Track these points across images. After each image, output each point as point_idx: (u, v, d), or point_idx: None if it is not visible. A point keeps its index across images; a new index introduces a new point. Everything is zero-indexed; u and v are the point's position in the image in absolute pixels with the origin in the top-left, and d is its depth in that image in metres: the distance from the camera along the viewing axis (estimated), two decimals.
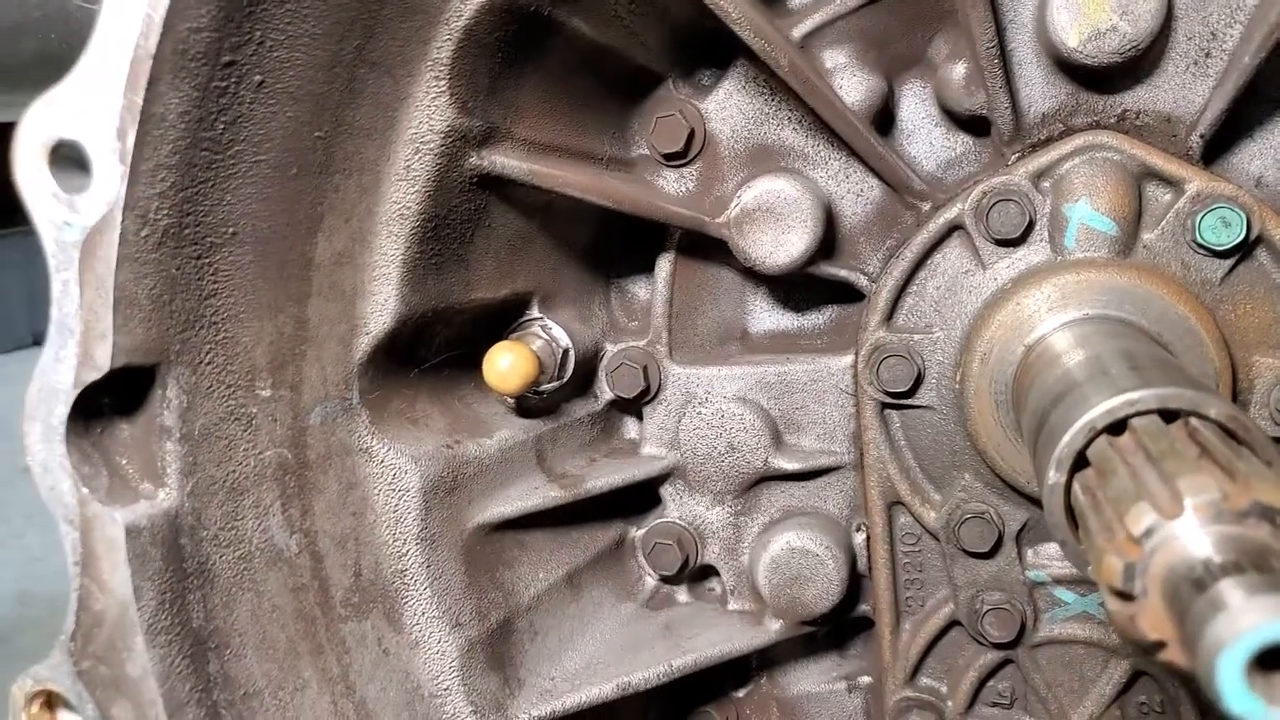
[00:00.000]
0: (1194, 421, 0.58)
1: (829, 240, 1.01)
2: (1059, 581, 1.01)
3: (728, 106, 1.02)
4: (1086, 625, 1.02)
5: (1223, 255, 0.91)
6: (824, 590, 1.05)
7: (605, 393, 1.09)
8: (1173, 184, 0.92)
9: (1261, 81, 0.89)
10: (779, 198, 0.98)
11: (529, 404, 1.01)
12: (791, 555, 1.05)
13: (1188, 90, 0.93)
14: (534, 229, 0.93)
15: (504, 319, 0.99)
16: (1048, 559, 1.02)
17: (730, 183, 1.03)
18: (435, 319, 0.86)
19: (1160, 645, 0.48)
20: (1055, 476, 0.61)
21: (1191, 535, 0.46)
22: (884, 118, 1.03)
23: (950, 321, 0.99)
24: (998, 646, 1.02)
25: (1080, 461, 0.63)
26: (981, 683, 1.06)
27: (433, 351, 0.89)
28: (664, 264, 1.07)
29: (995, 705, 1.07)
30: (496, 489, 0.93)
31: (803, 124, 1.01)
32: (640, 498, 1.11)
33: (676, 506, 1.11)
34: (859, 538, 1.09)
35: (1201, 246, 0.90)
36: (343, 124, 0.71)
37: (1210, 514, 0.46)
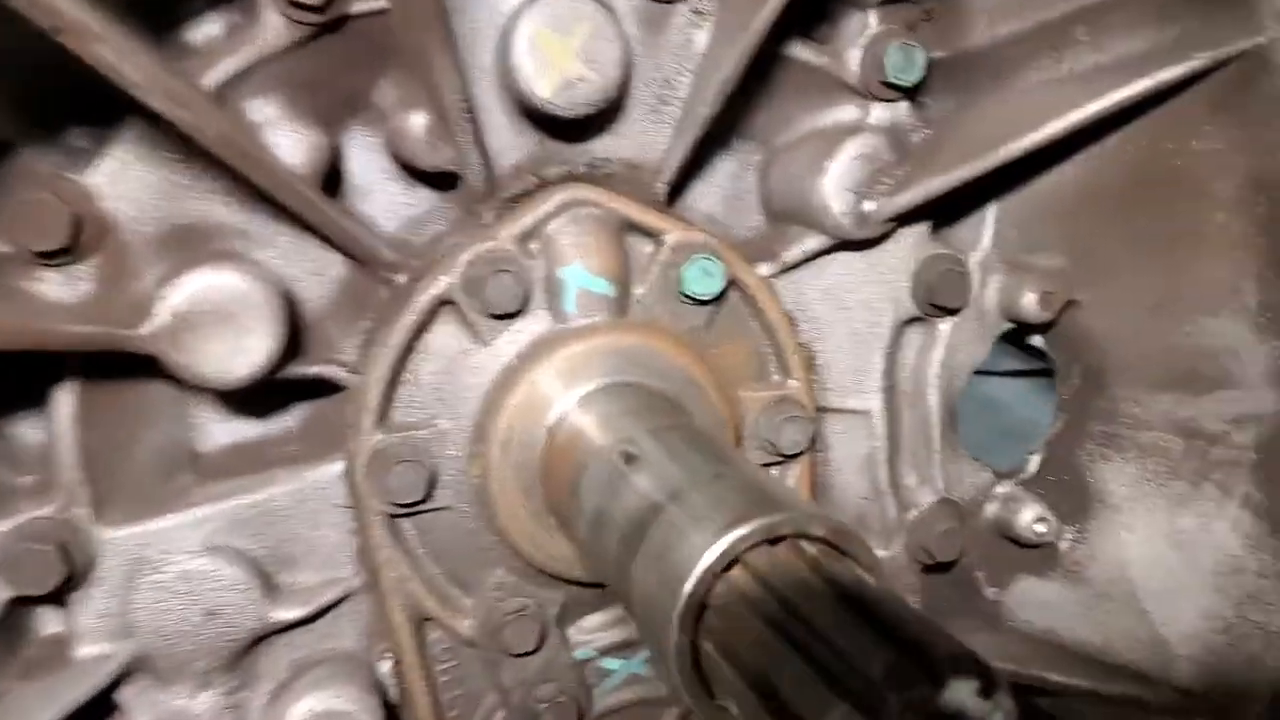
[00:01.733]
0: (802, 543, 0.54)
1: (294, 334, 0.81)
2: (604, 652, 0.96)
3: (126, 179, 0.74)
4: (636, 686, 0.98)
5: (705, 303, 0.91)
6: None
7: (2, 590, 0.76)
8: (652, 235, 0.89)
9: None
10: (224, 294, 0.75)
11: None
12: None
13: (649, 137, 0.90)
14: None
15: None
16: (589, 633, 0.96)
17: (147, 278, 0.76)
18: None
19: None
20: (680, 638, 0.53)
21: None
22: (330, 176, 0.85)
23: (456, 409, 0.86)
24: None
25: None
26: None
27: None
28: (64, 399, 0.77)
29: None
30: None
31: (233, 195, 0.78)
32: (86, 716, 0.80)
33: (145, 710, 0.83)
34: (384, 666, 0.92)
35: (688, 297, 0.89)
36: None
37: None
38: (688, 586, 0.53)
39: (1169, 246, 0.88)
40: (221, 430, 0.88)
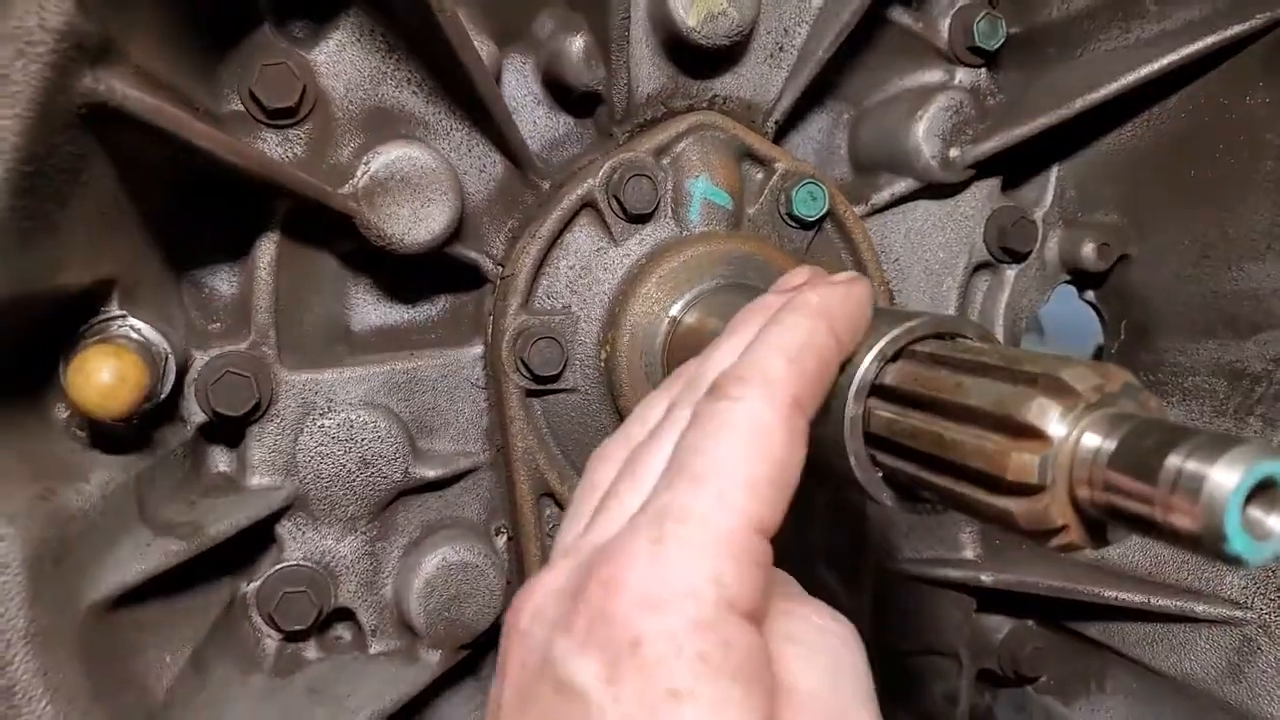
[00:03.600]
0: (960, 340, 0.64)
1: (459, 220, 0.92)
2: None
3: (341, 60, 0.86)
4: None
5: (807, 227, 1.02)
6: (487, 603, 0.95)
7: (195, 414, 0.85)
8: (764, 163, 1.01)
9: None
10: (415, 166, 0.87)
11: (113, 434, 0.74)
12: (449, 573, 0.93)
13: (764, 80, 1.03)
14: (128, 194, 0.69)
15: (73, 318, 0.71)
16: None
17: (346, 149, 0.88)
18: (6, 316, 0.58)
19: (1064, 528, 0.51)
20: (854, 408, 0.62)
21: (1091, 422, 0.50)
22: None
23: (589, 300, 0.97)
24: None
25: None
26: None
27: None
28: (267, 247, 0.87)
29: None
30: (105, 551, 0.66)
31: (423, 88, 0.90)
32: (246, 544, 0.89)
33: (299, 545, 0.91)
34: (500, 541, 1.01)
35: (793, 219, 1.01)
36: None
37: (1098, 399, 0.50)
38: (864, 365, 0.62)
39: (1218, 197, 1.01)
40: (374, 312, 0.98)
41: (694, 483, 0.49)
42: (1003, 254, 1.11)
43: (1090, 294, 1.17)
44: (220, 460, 0.90)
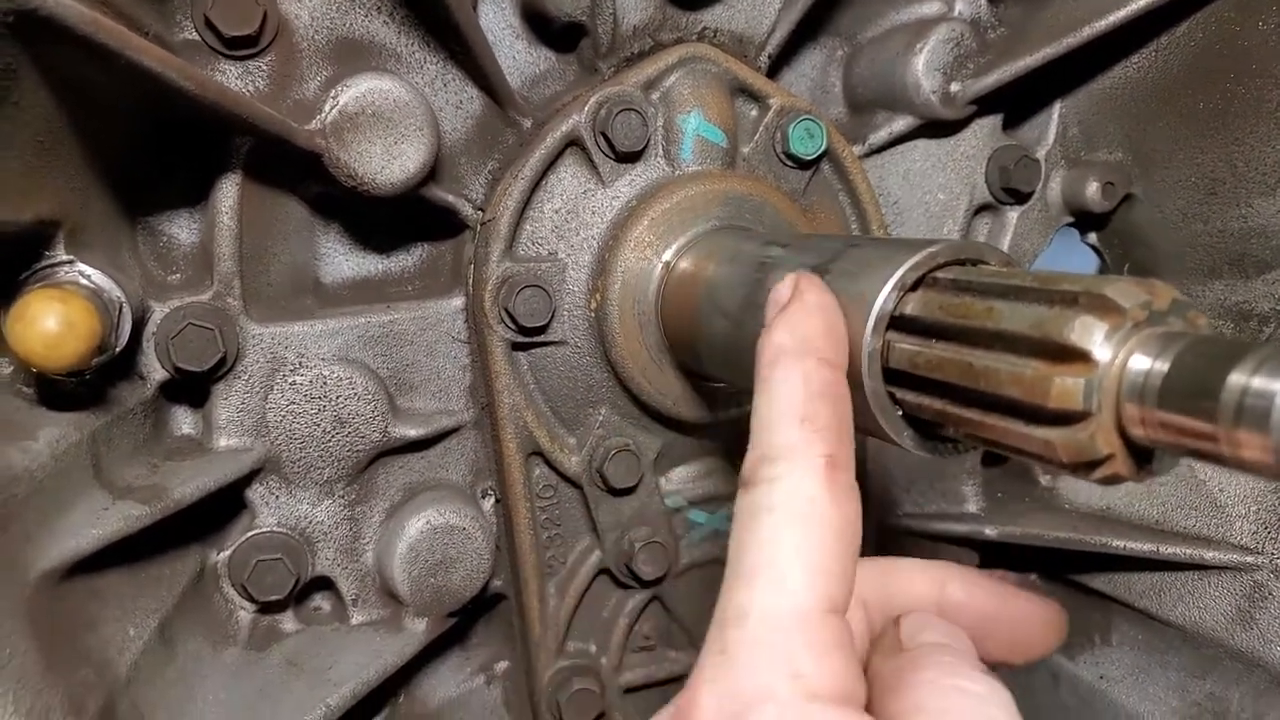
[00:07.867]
0: (982, 266, 0.59)
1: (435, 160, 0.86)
2: (692, 503, 1.00)
3: None
4: (719, 542, 1.03)
5: (804, 166, 0.97)
6: (474, 568, 0.90)
7: (155, 370, 0.79)
8: (758, 99, 0.96)
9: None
10: (388, 99, 0.80)
11: (64, 390, 0.68)
12: (434, 536, 0.88)
13: (757, 11, 0.97)
14: (69, 123, 0.62)
15: (12, 262, 0.64)
16: (680, 483, 1.00)
17: (312, 83, 0.81)
18: None
19: (1109, 458, 0.46)
20: (872, 343, 0.58)
21: (1139, 341, 0.45)
22: None
23: (576, 246, 0.91)
24: (648, 585, 0.98)
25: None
26: (630, 629, 1.01)
27: None
28: (228, 189, 0.80)
29: (642, 649, 1.02)
30: (56, 516, 0.60)
31: (394, 17, 0.84)
32: (215, 509, 0.83)
33: (271, 510, 0.85)
34: (486, 504, 0.96)
35: (790, 157, 0.96)
36: None
37: (1145, 316, 0.46)
38: (882, 296, 0.57)
39: (1227, 130, 0.97)
40: (346, 263, 0.92)
41: (747, 581, 0.45)
42: (1005, 195, 1.07)
43: (1092, 236, 1.13)
44: (184, 422, 0.84)
